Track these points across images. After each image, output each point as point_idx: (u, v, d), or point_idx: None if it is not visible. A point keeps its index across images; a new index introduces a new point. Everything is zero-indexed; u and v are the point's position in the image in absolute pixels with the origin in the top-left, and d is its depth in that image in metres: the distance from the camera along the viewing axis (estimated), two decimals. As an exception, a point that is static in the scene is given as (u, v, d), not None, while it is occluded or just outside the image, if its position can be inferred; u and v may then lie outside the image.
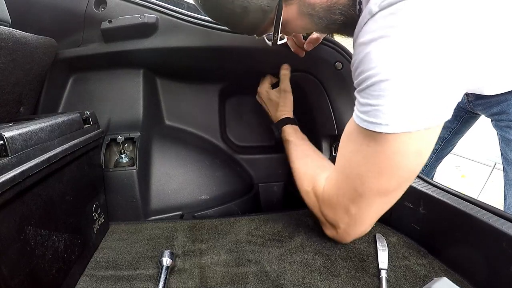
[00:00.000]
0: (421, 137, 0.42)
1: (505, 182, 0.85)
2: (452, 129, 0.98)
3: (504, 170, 0.85)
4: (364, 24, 0.43)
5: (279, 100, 0.85)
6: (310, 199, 0.65)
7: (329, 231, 0.62)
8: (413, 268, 0.59)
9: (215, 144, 1.10)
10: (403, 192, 0.50)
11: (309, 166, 0.69)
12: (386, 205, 0.52)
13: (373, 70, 0.41)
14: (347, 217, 0.55)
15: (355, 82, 0.47)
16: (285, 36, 0.69)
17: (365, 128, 0.45)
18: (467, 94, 0.84)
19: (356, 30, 0.46)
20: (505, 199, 0.85)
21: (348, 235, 0.58)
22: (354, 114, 0.49)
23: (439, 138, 0.98)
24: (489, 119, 0.98)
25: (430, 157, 1.02)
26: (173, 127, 1.05)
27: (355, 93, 0.48)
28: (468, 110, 0.90)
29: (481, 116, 0.96)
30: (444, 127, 0.95)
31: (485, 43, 0.38)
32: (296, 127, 0.81)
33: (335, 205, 0.56)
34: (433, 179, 1.07)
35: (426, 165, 1.04)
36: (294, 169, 0.72)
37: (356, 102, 0.48)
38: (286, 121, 0.81)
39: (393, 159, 0.45)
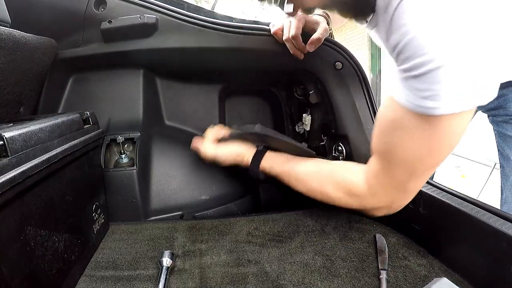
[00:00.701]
0: (469, 114, 0.45)
1: (501, 177, 0.85)
2: None
3: (501, 166, 0.85)
4: (398, 5, 0.43)
5: (230, 148, 0.80)
6: (346, 202, 0.64)
7: (380, 212, 0.62)
8: (413, 268, 0.59)
9: (215, 144, 1.10)
10: None
11: (322, 178, 0.67)
12: (433, 171, 0.58)
13: (425, 56, 0.41)
14: (403, 193, 0.57)
15: (401, 66, 0.46)
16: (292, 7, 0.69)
17: (421, 113, 0.46)
18: None
19: (379, 11, 0.48)
20: (501, 193, 0.85)
21: (401, 206, 0.60)
22: (404, 101, 0.48)
23: None
24: (486, 117, 0.97)
25: None
26: (173, 127, 1.05)
27: (404, 79, 0.47)
28: None
29: (479, 115, 0.96)
30: None
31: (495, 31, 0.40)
32: (268, 152, 0.77)
33: (389, 190, 0.57)
34: (433, 179, 1.07)
35: None
36: (307, 190, 0.69)
37: (405, 89, 0.47)
38: (257, 157, 0.77)
39: (447, 137, 0.47)
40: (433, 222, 0.63)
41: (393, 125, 0.52)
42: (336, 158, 0.86)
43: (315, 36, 0.72)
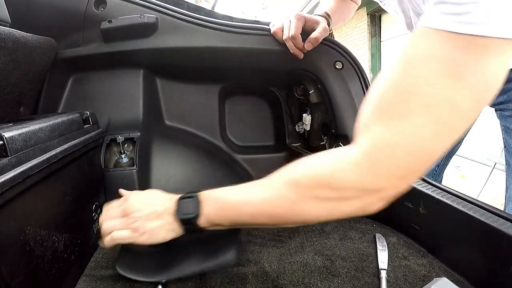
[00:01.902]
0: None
1: (507, 174, 0.84)
2: None
3: (507, 163, 0.84)
4: None
5: (143, 205, 0.54)
6: (339, 208, 0.45)
7: (387, 195, 0.43)
8: (413, 268, 0.59)
9: (215, 144, 1.10)
10: None
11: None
12: (463, 128, 0.40)
13: None
14: (422, 158, 0.41)
15: None
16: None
17: (462, 34, 0.34)
18: None
19: None
20: (506, 190, 0.84)
21: (417, 177, 0.48)
22: (441, 24, 0.36)
23: None
24: (489, 116, 0.97)
25: (441, 157, 1.01)
26: (173, 127, 1.05)
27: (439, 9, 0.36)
28: None
29: (481, 114, 0.95)
30: None
31: None
32: (205, 196, 0.52)
33: (401, 157, 0.40)
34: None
35: (438, 165, 1.02)
36: (268, 207, 0.48)
37: (434, 10, 0.37)
38: (186, 206, 0.51)
39: (488, 75, 0.36)
40: (433, 222, 0.63)
41: (418, 60, 0.39)
42: (336, 158, 0.86)
43: (313, 35, 0.72)
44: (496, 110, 0.81)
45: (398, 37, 5.01)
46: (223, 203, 0.50)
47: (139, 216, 0.52)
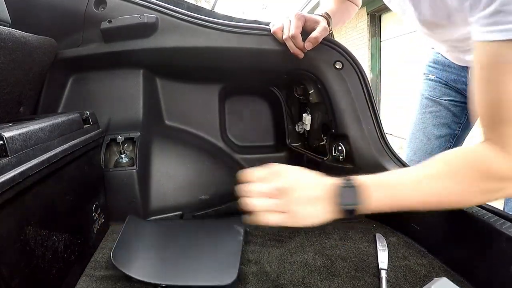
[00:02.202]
0: None
1: None
2: (461, 124, 0.97)
3: None
4: None
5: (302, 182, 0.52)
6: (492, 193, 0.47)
7: None
8: (413, 268, 0.59)
9: (215, 144, 1.10)
10: None
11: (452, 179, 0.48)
12: None
13: None
14: None
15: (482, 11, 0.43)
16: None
17: None
18: None
19: None
20: None
21: None
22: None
23: (450, 135, 0.97)
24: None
25: None
26: (173, 127, 1.05)
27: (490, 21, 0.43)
28: None
29: None
30: (453, 123, 0.95)
31: None
32: (365, 179, 0.50)
33: None
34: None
35: None
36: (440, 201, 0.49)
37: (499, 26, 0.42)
38: (348, 195, 0.49)
39: None
40: (433, 222, 0.63)
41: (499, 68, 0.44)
42: (336, 158, 0.86)
43: (313, 34, 0.72)
44: None
45: (398, 37, 5.00)
46: (393, 191, 0.49)
47: (296, 198, 0.50)
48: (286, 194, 0.50)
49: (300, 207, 0.50)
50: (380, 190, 0.49)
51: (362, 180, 0.50)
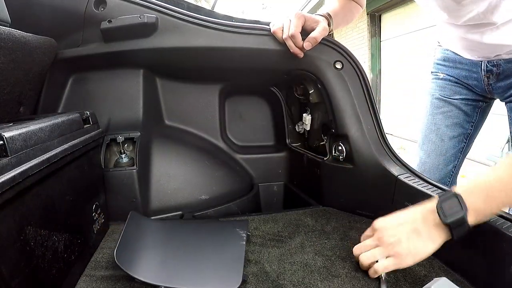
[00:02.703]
0: None
1: None
2: (473, 122, 0.97)
3: None
4: None
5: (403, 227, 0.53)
6: None
7: None
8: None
9: (215, 144, 1.10)
10: None
11: None
12: None
13: None
14: None
15: None
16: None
17: None
18: (488, 77, 0.84)
19: None
20: None
21: None
22: None
23: (463, 135, 0.97)
24: (489, 116, 0.97)
25: (458, 157, 1.01)
26: (173, 127, 1.05)
27: None
28: (485, 96, 0.90)
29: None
30: (465, 122, 0.95)
31: None
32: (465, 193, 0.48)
33: None
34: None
35: (455, 167, 1.02)
36: None
37: None
38: (449, 207, 0.48)
39: None
40: (433, 222, 0.63)
41: None
42: (336, 158, 0.86)
43: (312, 34, 0.72)
44: (506, 103, 0.81)
45: (398, 37, 5.00)
46: (491, 189, 0.46)
47: (396, 240, 0.51)
48: (388, 239, 0.52)
49: (405, 244, 0.50)
50: (476, 192, 0.47)
51: (456, 189, 0.48)
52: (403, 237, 0.51)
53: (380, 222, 0.56)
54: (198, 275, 0.57)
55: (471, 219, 0.47)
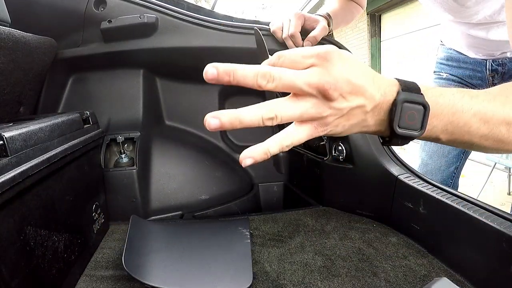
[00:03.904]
0: None
1: None
2: None
3: None
4: None
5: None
6: None
7: None
8: (413, 268, 0.59)
9: (215, 144, 1.10)
10: None
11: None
12: None
13: None
14: None
15: None
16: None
17: None
18: (492, 76, 0.83)
19: None
20: (509, 186, 0.84)
21: None
22: None
23: None
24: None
25: (460, 158, 1.00)
26: (173, 127, 1.05)
27: None
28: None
29: None
30: None
31: None
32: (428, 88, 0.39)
33: None
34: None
35: (457, 168, 1.02)
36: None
37: None
38: (410, 116, 0.36)
39: None
40: (433, 222, 0.63)
41: None
42: (336, 158, 0.86)
43: (312, 33, 0.72)
44: None
45: (398, 37, 5.01)
46: (458, 120, 0.37)
47: (341, 108, 0.33)
48: (334, 100, 0.32)
49: (344, 121, 0.35)
50: (445, 115, 0.37)
51: (428, 97, 0.36)
52: (349, 110, 0.33)
53: (336, 63, 0.35)
54: (209, 276, 0.56)
55: (422, 137, 0.39)
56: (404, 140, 0.37)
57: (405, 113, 0.35)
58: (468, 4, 0.69)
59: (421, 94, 0.36)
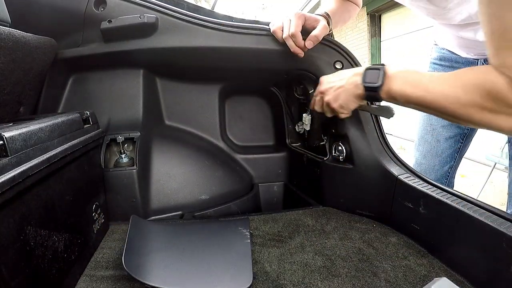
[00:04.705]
0: None
1: (510, 170, 0.83)
2: None
3: (510, 158, 0.83)
4: None
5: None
6: (485, 110, 0.48)
7: None
8: (413, 268, 0.59)
9: (215, 144, 1.10)
10: None
11: (453, 83, 0.51)
12: None
13: None
14: None
15: None
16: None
17: None
18: None
19: None
20: (509, 187, 0.84)
21: None
22: None
23: (459, 135, 0.96)
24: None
25: (454, 158, 1.00)
26: (173, 127, 1.05)
27: None
28: None
29: None
30: None
31: None
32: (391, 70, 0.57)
33: None
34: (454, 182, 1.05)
35: (451, 167, 1.02)
36: (434, 98, 0.52)
37: None
38: (371, 76, 0.59)
39: None
40: (433, 222, 0.63)
41: None
42: (336, 158, 0.86)
43: (313, 33, 0.72)
44: None
45: (398, 37, 5.01)
46: (411, 84, 0.55)
47: (330, 88, 0.66)
48: (324, 91, 0.68)
49: (333, 92, 0.66)
50: (400, 77, 0.56)
51: (387, 66, 0.57)
52: (331, 90, 0.66)
53: (323, 77, 0.71)
54: (209, 276, 0.56)
55: (383, 94, 0.57)
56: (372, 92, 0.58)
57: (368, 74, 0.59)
58: (448, 6, 0.69)
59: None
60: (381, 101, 0.60)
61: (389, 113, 0.66)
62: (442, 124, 0.96)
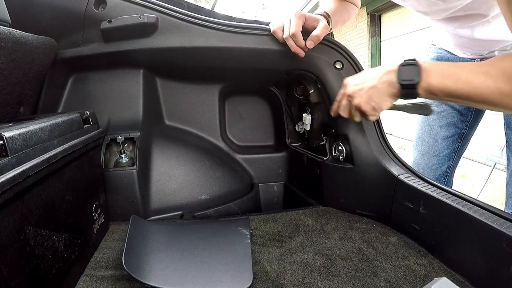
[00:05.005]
0: None
1: (508, 170, 0.83)
2: (468, 122, 0.96)
3: (508, 159, 0.83)
4: None
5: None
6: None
7: None
8: (413, 268, 0.59)
9: (215, 144, 1.10)
10: None
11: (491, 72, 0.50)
12: None
13: None
14: None
15: None
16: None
17: None
18: None
19: None
20: (507, 186, 0.84)
21: None
22: None
23: (457, 134, 0.96)
24: (489, 116, 0.97)
25: (452, 158, 1.00)
26: (173, 127, 1.05)
27: None
28: None
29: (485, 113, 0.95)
30: (460, 122, 0.95)
31: None
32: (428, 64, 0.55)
33: None
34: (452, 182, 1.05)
35: (449, 167, 1.02)
36: (476, 89, 0.51)
37: None
38: (407, 72, 0.55)
39: None
40: (433, 222, 0.63)
41: None
42: (336, 158, 0.86)
43: (314, 33, 0.72)
44: None
45: (398, 37, 5.01)
46: (450, 77, 0.52)
47: (359, 90, 0.61)
48: (352, 94, 0.62)
49: (363, 93, 0.60)
50: (436, 71, 0.53)
51: (423, 62, 0.55)
52: (361, 92, 0.61)
53: (347, 79, 0.66)
54: (209, 275, 0.56)
55: (421, 91, 0.54)
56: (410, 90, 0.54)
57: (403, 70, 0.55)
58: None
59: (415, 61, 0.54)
60: (416, 98, 0.57)
61: (428, 110, 0.62)
62: (440, 123, 0.96)
